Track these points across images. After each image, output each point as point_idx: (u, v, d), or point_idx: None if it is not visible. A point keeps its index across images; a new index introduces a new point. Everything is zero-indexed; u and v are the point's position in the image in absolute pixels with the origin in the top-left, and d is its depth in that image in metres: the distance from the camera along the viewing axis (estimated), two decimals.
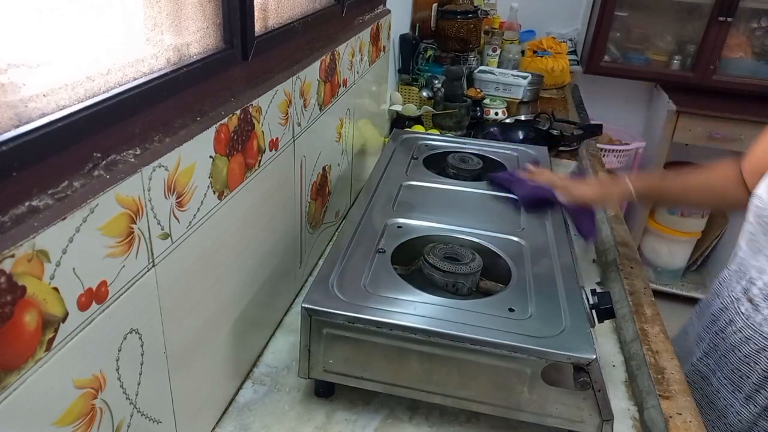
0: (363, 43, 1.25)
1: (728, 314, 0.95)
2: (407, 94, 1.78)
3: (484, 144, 1.30)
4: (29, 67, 0.44)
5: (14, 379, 0.41)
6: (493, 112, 1.88)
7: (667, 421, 0.76)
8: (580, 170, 1.11)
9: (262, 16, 0.81)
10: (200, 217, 0.64)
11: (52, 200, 0.44)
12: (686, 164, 2.73)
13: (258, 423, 0.78)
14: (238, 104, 0.70)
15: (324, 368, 0.76)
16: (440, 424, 0.79)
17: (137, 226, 0.53)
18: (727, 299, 0.97)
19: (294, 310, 1.01)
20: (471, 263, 0.82)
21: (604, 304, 0.80)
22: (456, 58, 2.02)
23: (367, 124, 1.42)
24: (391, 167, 1.13)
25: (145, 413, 0.59)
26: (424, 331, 0.70)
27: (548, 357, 0.68)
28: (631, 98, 2.90)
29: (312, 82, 0.95)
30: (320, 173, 1.07)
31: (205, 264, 0.67)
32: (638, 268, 1.10)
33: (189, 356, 0.67)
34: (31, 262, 0.41)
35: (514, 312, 0.74)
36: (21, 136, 0.41)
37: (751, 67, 2.52)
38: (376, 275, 0.79)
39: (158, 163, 0.55)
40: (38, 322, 0.42)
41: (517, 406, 0.72)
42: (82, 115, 0.47)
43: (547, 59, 2.33)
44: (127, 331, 0.54)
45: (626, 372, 0.90)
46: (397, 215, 0.95)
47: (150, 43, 0.58)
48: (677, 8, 2.53)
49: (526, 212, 1.00)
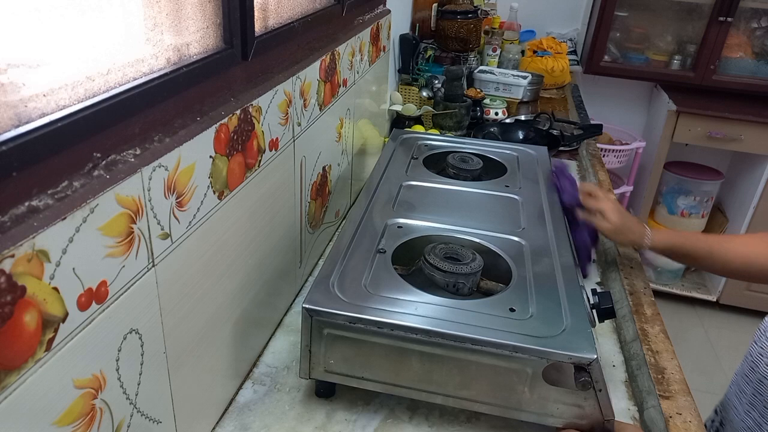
0: (363, 43, 1.25)
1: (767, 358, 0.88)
2: (407, 94, 1.78)
3: (484, 144, 1.30)
4: (29, 67, 0.44)
5: (14, 379, 0.41)
6: (493, 112, 1.88)
7: (667, 421, 0.76)
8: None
9: (262, 16, 0.81)
10: (200, 217, 0.64)
11: (52, 200, 0.44)
12: (686, 164, 2.73)
13: (258, 423, 0.78)
14: (238, 104, 0.70)
15: (325, 368, 0.76)
16: (440, 424, 0.79)
17: (137, 226, 0.53)
18: (765, 343, 0.90)
19: (294, 310, 1.01)
20: (471, 263, 0.82)
21: (605, 304, 0.80)
22: (456, 58, 2.02)
23: (367, 124, 1.42)
24: (391, 167, 1.13)
25: (145, 413, 0.59)
26: (425, 331, 0.70)
27: (549, 357, 0.68)
28: (631, 98, 2.90)
29: (312, 82, 0.95)
30: (320, 173, 1.07)
31: (206, 264, 0.67)
32: (638, 268, 1.10)
33: (189, 356, 0.66)
34: (31, 262, 0.41)
35: (515, 312, 0.74)
36: (21, 136, 0.41)
37: (751, 67, 2.52)
38: (377, 275, 0.79)
39: (158, 163, 0.55)
40: (38, 322, 0.42)
41: (517, 406, 0.72)
42: (82, 115, 0.47)
43: (547, 59, 2.33)
44: (127, 331, 0.54)
45: (626, 372, 0.90)
46: (398, 215, 0.95)
47: (150, 43, 0.58)
48: (677, 8, 2.53)
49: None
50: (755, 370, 0.91)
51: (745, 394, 0.93)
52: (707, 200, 2.68)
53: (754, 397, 0.91)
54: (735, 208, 2.70)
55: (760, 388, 0.90)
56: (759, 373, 0.90)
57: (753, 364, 0.91)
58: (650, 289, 1.04)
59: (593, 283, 1.12)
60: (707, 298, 2.76)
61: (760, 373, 0.89)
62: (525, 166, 1.19)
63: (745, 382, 0.93)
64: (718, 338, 2.62)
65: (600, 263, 1.17)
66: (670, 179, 2.70)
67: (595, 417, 0.71)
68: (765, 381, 0.89)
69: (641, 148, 2.66)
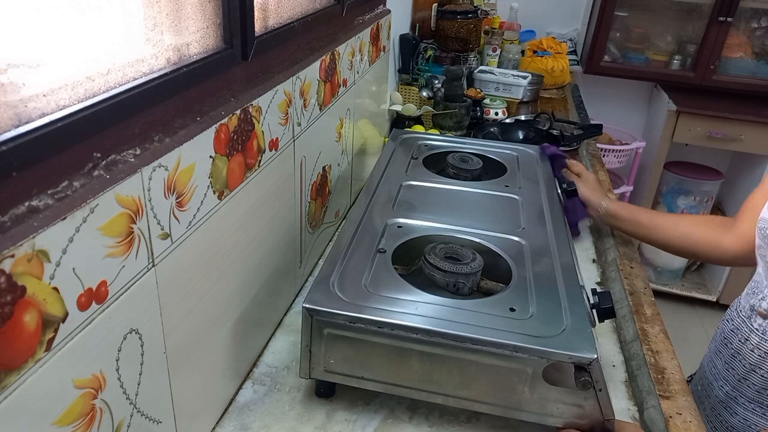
0: (363, 43, 1.25)
1: (741, 334, 0.94)
2: (407, 94, 1.78)
3: (484, 144, 1.30)
4: (29, 67, 0.44)
5: (14, 379, 0.41)
6: (493, 112, 1.88)
7: (667, 421, 0.76)
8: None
9: (262, 16, 0.81)
10: (200, 217, 0.64)
11: (52, 200, 0.44)
12: (686, 164, 2.73)
13: (258, 423, 0.78)
14: (238, 104, 0.70)
15: (325, 368, 0.76)
16: (440, 424, 0.79)
17: (137, 226, 0.53)
18: (737, 320, 0.96)
19: (294, 310, 1.01)
20: (472, 263, 0.82)
21: (605, 304, 0.80)
22: (456, 58, 2.02)
23: (367, 124, 1.42)
24: (391, 167, 1.13)
25: (145, 413, 0.59)
26: (426, 331, 0.70)
27: (549, 356, 0.68)
28: (631, 98, 2.90)
29: (312, 82, 0.95)
30: (320, 173, 1.07)
31: (205, 264, 0.67)
32: (638, 268, 1.10)
33: (189, 356, 0.66)
34: (31, 262, 0.41)
35: (515, 312, 0.74)
36: (21, 136, 0.41)
37: (751, 67, 2.53)
38: (377, 275, 0.79)
39: (158, 163, 0.55)
40: (38, 322, 0.42)
41: (518, 406, 0.72)
42: (82, 115, 0.47)
43: (547, 59, 2.33)
44: (127, 331, 0.53)
45: (626, 372, 0.90)
46: (398, 215, 0.95)
47: (150, 43, 0.58)
48: (677, 8, 2.53)
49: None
50: (728, 346, 0.98)
51: (717, 368, 1.00)
52: (707, 200, 2.69)
53: (726, 372, 0.98)
54: (735, 208, 2.70)
55: (732, 362, 0.96)
56: (732, 348, 0.96)
57: (725, 340, 0.98)
58: (650, 289, 1.04)
59: (593, 283, 1.12)
60: (707, 298, 2.76)
61: (733, 348, 0.96)
62: (525, 166, 1.19)
63: (718, 358, 1.01)
64: None
65: (600, 263, 1.17)
66: (670, 179, 2.71)
67: (596, 417, 0.71)
68: (737, 355, 0.95)
69: (641, 148, 2.66)
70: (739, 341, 0.94)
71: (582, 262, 1.15)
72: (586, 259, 1.18)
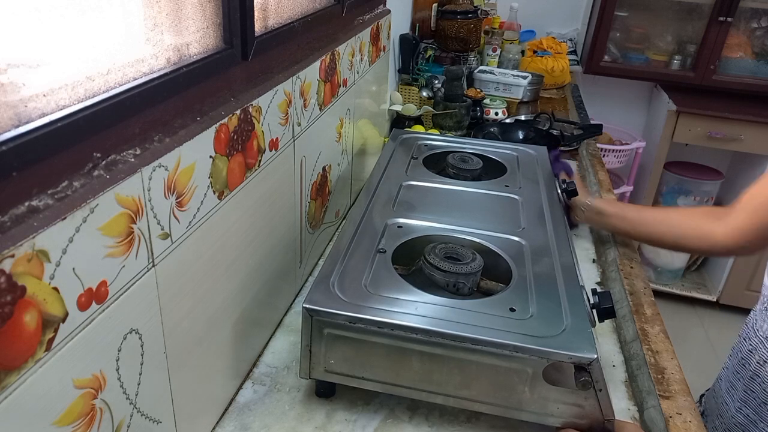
0: (363, 43, 1.25)
1: (759, 354, 0.89)
2: (407, 94, 1.78)
3: (484, 144, 1.30)
4: (29, 67, 0.44)
5: (14, 379, 0.41)
6: (493, 112, 1.88)
7: (667, 421, 0.76)
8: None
9: (262, 16, 0.81)
10: (200, 217, 0.64)
11: (52, 200, 0.44)
12: (686, 164, 2.73)
13: (258, 423, 0.78)
14: (238, 104, 0.70)
15: (325, 368, 0.76)
16: (440, 424, 0.79)
17: (137, 226, 0.53)
18: (754, 339, 0.91)
19: (294, 309, 1.01)
20: (471, 263, 0.82)
21: (605, 304, 0.80)
22: (456, 58, 2.02)
23: (367, 124, 1.42)
24: (391, 167, 1.13)
25: (145, 413, 0.59)
26: (426, 331, 0.70)
27: (549, 357, 0.68)
28: (631, 98, 2.90)
29: (312, 82, 0.95)
30: (320, 173, 1.07)
31: (205, 264, 0.67)
32: (638, 268, 1.10)
33: (189, 356, 0.66)
34: (31, 262, 0.41)
35: (515, 312, 0.74)
36: (21, 136, 0.41)
37: (751, 67, 2.53)
38: (377, 275, 0.79)
39: (158, 163, 0.55)
40: (38, 322, 0.42)
41: (518, 406, 0.72)
42: (82, 115, 0.47)
43: (547, 59, 2.33)
44: (127, 331, 0.53)
45: (626, 372, 0.90)
46: (398, 215, 0.95)
47: (150, 43, 0.58)
48: (677, 8, 2.53)
49: None
50: (746, 367, 0.91)
51: (737, 390, 0.94)
52: (707, 200, 2.68)
53: (745, 394, 0.92)
54: None
55: (752, 385, 0.90)
56: (750, 369, 0.90)
57: (743, 361, 0.93)
58: (650, 289, 1.04)
59: (593, 283, 1.12)
60: (707, 298, 2.76)
61: (751, 369, 0.90)
62: (525, 166, 1.19)
63: (736, 379, 0.94)
64: (718, 338, 2.62)
65: (600, 263, 1.17)
66: (670, 179, 2.71)
67: (595, 417, 0.71)
68: (756, 378, 0.90)
69: (641, 148, 2.66)
70: (758, 363, 0.90)
71: (582, 262, 1.15)
72: (586, 259, 1.18)
